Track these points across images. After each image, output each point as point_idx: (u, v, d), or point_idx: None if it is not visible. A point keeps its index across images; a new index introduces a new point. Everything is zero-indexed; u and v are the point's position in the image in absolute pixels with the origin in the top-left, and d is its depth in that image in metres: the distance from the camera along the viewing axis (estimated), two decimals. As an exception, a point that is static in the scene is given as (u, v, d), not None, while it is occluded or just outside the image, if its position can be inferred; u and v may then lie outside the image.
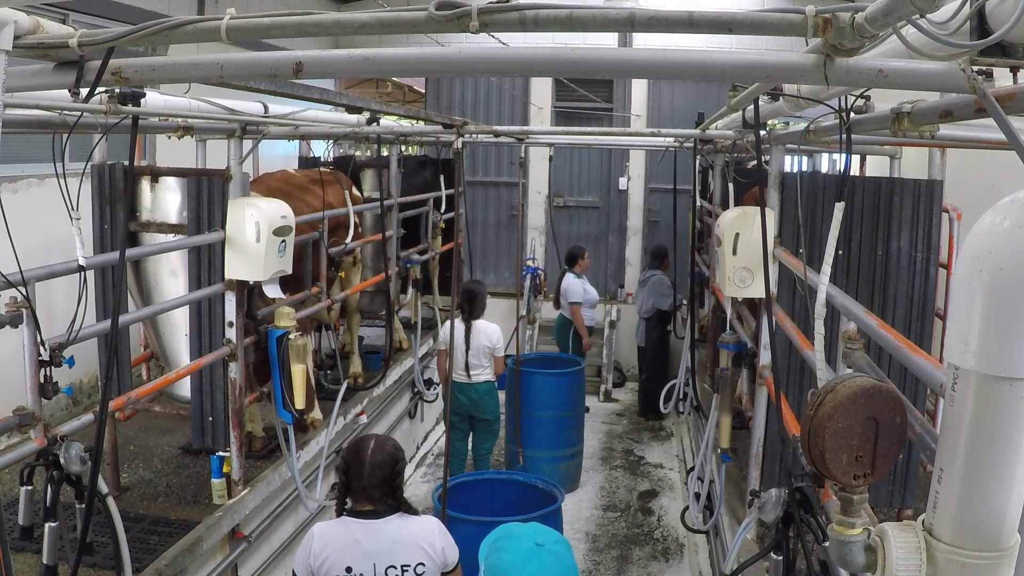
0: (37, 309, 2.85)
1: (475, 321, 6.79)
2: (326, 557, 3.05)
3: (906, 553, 1.49)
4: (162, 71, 2.16)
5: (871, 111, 2.69)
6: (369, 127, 5.74)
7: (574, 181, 11.89)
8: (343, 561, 3.04)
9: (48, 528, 2.86)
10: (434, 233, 8.38)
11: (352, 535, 3.09)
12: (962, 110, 2.00)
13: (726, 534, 4.87)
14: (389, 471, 3.12)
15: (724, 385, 4.68)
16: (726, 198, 6.05)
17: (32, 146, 5.64)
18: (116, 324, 3.08)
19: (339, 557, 3.05)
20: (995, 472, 1.40)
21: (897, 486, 4.00)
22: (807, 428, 1.63)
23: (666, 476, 8.25)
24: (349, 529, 3.11)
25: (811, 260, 3.14)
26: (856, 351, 2.59)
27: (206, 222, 4.41)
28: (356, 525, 3.11)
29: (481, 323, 6.82)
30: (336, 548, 3.07)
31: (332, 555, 3.05)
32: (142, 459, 5.06)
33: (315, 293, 5.56)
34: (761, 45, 8.93)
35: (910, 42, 1.59)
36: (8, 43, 1.95)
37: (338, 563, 3.04)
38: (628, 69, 2.25)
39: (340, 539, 3.08)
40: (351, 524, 3.12)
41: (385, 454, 3.14)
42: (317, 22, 1.93)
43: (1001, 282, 1.34)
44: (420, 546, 3.11)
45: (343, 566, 3.04)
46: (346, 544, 3.07)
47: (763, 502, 2.72)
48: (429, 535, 3.15)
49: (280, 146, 9.37)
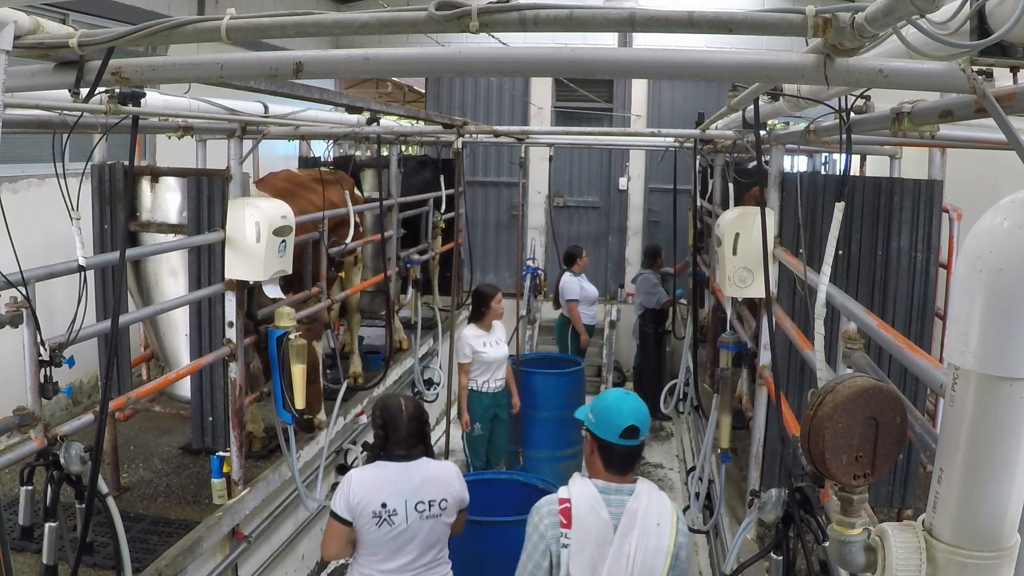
0: (37, 309, 2.85)
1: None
2: (364, 495, 3.43)
3: (906, 553, 1.49)
4: (162, 71, 2.16)
5: (871, 111, 2.69)
6: (369, 127, 5.74)
7: (574, 181, 11.89)
8: (379, 498, 3.44)
9: (48, 528, 2.86)
10: (434, 233, 8.38)
11: (388, 476, 3.49)
12: (962, 110, 2.00)
13: (726, 534, 4.88)
14: (420, 422, 3.60)
15: (724, 385, 4.68)
16: (726, 198, 6.05)
17: (32, 146, 5.64)
18: (116, 324, 3.08)
19: (376, 495, 3.44)
20: (995, 472, 1.40)
21: (897, 486, 4.00)
22: (807, 428, 1.63)
23: (666, 476, 8.25)
24: (385, 471, 3.51)
25: (811, 260, 3.14)
26: (856, 351, 2.59)
27: (206, 222, 4.41)
28: (391, 467, 3.51)
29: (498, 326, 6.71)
30: (373, 487, 3.45)
31: (369, 493, 3.44)
32: (142, 459, 5.06)
33: (315, 293, 5.57)
34: (761, 45, 8.93)
35: (910, 42, 1.59)
36: (8, 43, 1.95)
37: (375, 500, 3.43)
38: (628, 69, 2.25)
39: (377, 480, 3.48)
40: (387, 467, 3.52)
41: (415, 407, 3.64)
42: (317, 22, 1.93)
43: (1001, 282, 1.34)
44: (444, 485, 3.54)
45: (379, 502, 3.43)
46: (382, 483, 3.47)
47: (763, 502, 2.72)
48: (451, 477, 3.62)
49: (280, 146, 9.38)
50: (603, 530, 2.93)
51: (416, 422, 3.58)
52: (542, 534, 2.96)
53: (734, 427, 4.80)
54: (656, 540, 2.94)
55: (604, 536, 2.93)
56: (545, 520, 2.98)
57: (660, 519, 2.98)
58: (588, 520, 2.94)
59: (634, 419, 3.03)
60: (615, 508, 2.97)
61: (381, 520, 3.43)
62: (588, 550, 2.92)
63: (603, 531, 2.93)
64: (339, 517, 3.45)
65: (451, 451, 7.04)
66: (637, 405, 3.10)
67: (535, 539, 2.98)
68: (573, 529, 2.93)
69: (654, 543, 2.94)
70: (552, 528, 2.95)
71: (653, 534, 2.95)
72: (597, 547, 2.92)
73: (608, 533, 2.93)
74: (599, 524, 2.94)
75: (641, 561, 2.92)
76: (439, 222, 8.46)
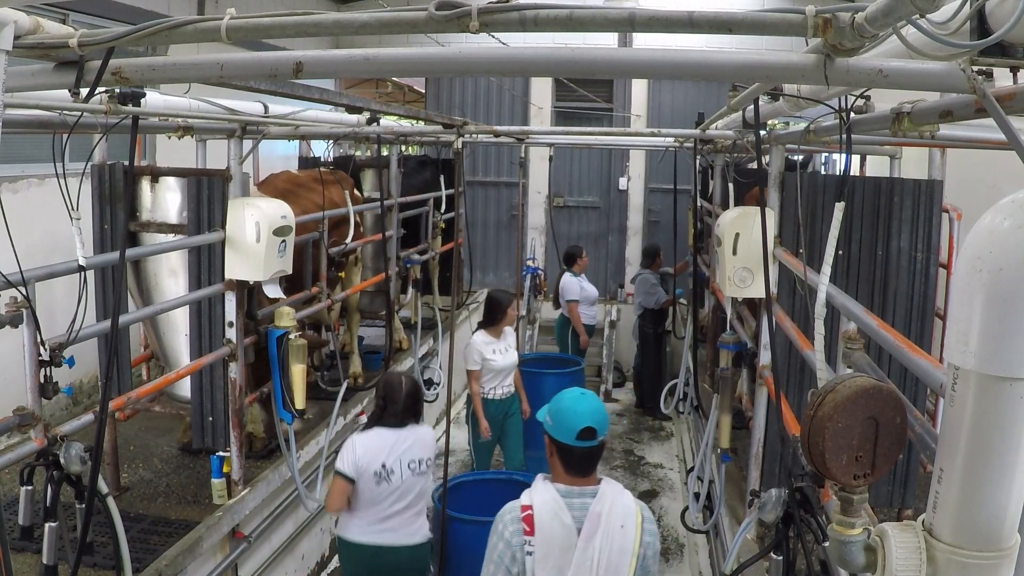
0: (37, 309, 2.85)
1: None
2: (367, 458, 4.11)
3: (906, 553, 1.49)
4: (162, 71, 2.16)
5: (871, 111, 2.69)
6: (369, 127, 5.74)
7: (574, 181, 11.89)
8: (379, 459, 4.12)
9: (48, 528, 2.86)
10: (434, 233, 8.38)
11: (385, 440, 4.17)
12: (962, 110, 2.00)
13: (726, 534, 4.87)
14: (415, 398, 4.30)
15: (724, 385, 4.68)
16: (726, 198, 6.05)
17: (32, 146, 5.64)
18: (116, 324, 3.08)
19: (376, 456, 4.12)
20: (995, 472, 1.40)
21: (897, 486, 4.00)
22: (807, 428, 1.63)
23: (666, 476, 8.25)
24: (383, 436, 4.18)
25: (811, 260, 3.14)
26: (856, 351, 2.59)
27: (206, 222, 4.41)
28: (388, 433, 4.20)
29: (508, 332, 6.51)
30: (374, 450, 4.14)
31: (371, 455, 4.12)
32: (142, 459, 5.06)
33: (315, 293, 5.57)
34: (761, 45, 8.93)
35: (910, 42, 1.59)
36: (8, 43, 1.95)
37: (375, 461, 4.11)
38: (628, 69, 2.25)
39: (377, 444, 4.16)
40: (384, 433, 4.20)
41: (412, 384, 4.35)
42: (317, 22, 1.93)
43: (1001, 282, 1.34)
44: (428, 446, 4.28)
45: (380, 463, 4.11)
46: (381, 447, 4.15)
47: (763, 502, 2.72)
48: (432, 438, 4.38)
49: (280, 146, 9.38)
50: (566, 535, 2.91)
51: (412, 398, 4.26)
52: (508, 542, 2.94)
53: (734, 427, 4.80)
54: (620, 542, 2.92)
55: (568, 541, 2.91)
56: (509, 528, 2.96)
57: (624, 520, 2.95)
58: (551, 526, 2.91)
59: (591, 420, 3.00)
60: (578, 512, 2.95)
61: (380, 479, 4.09)
62: (552, 556, 2.90)
63: (566, 536, 2.91)
64: (345, 476, 4.09)
65: (451, 451, 7.02)
66: (594, 405, 3.08)
67: (500, 547, 2.95)
68: (536, 536, 2.91)
69: (618, 545, 2.92)
70: (516, 535, 2.93)
71: (617, 536, 2.93)
72: (561, 553, 2.90)
73: (572, 538, 2.91)
74: (562, 530, 2.92)
75: (606, 564, 2.90)
76: (439, 222, 8.46)
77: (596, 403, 3.10)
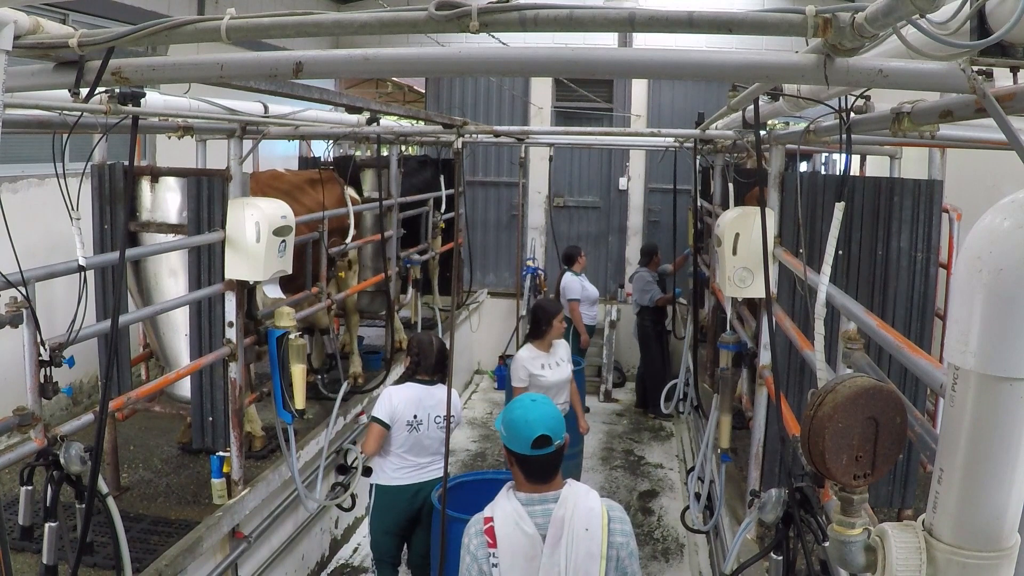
0: (37, 309, 2.85)
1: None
2: (402, 408, 4.69)
3: (906, 553, 1.49)
4: (162, 71, 2.16)
5: (871, 111, 2.69)
6: (369, 127, 5.74)
7: (574, 181, 11.89)
8: (411, 411, 4.71)
9: (48, 528, 2.86)
10: (434, 233, 8.38)
11: (417, 394, 4.75)
12: (962, 110, 2.00)
13: (726, 534, 4.87)
14: (443, 353, 4.86)
15: (724, 385, 4.68)
16: (726, 198, 6.05)
17: (32, 146, 5.64)
18: (116, 324, 3.08)
19: (408, 408, 4.71)
20: (995, 472, 1.40)
21: (897, 486, 4.00)
22: (807, 428, 1.63)
23: (666, 476, 8.25)
24: (415, 391, 4.77)
25: (811, 260, 3.14)
26: (856, 351, 2.59)
27: (206, 222, 4.41)
28: (419, 388, 4.79)
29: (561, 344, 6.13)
30: (408, 403, 4.71)
31: (405, 406, 4.70)
32: (142, 459, 5.06)
33: (315, 293, 5.57)
34: (761, 45, 8.93)
35: (910, 42, 1.59)
36: (8, 43, 1.95)
37: (408, 412, 4.70)
38: (628, 69, 2.25)
39: (410, 397, 4.74)
40: (416, 388, 4.79)
41: (440, 342, 4.95)
42: (317, 22, 1.93)
43: (1001, 282, 1.34)
44: (453, 404, 4.60)
45: (411, 414, 4.71)
46: (413, 400, 4.73)
47: (763, 502, 2.72)
48: (456, 398, 4.80)
49: (280, 146, 9.38)
50: (530, 544, 2.89)
51: (440, 354, 4.84)
52: (473, 555, 2.92)
53: (734, 427, 4.80)
54: (587, 546, 2.89)
55: (532, 550, 2.88)
56: (474, 540, 2.94)
57: (588, 524, 2.91)
58: (512, 537, 2.89)
59: (543, 428, 2.97)
60: (541, 519, 2.93)
61: (412, 428, 4.68)
62: (518, 567, 2.88)
63: (530, 546, 2.89)
64: (381, 422, 4.68)
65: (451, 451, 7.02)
66: (545, 412, 3.04)
67: (468, 560, 2.94)
68: (499, 548, 2.89)
69: (585, 549, 2.88)
70: (481, 548, 2.91)
71: (583, 540, 2.89)
72: (526, 562, 2.88)
73: (536, 547, 2.88)
74: (524, 539, 2.89)
75: (574, 569, 2.87)
76: (439, 222, 8.46)
77: (548, 409, 3.07)
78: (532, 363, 5.82)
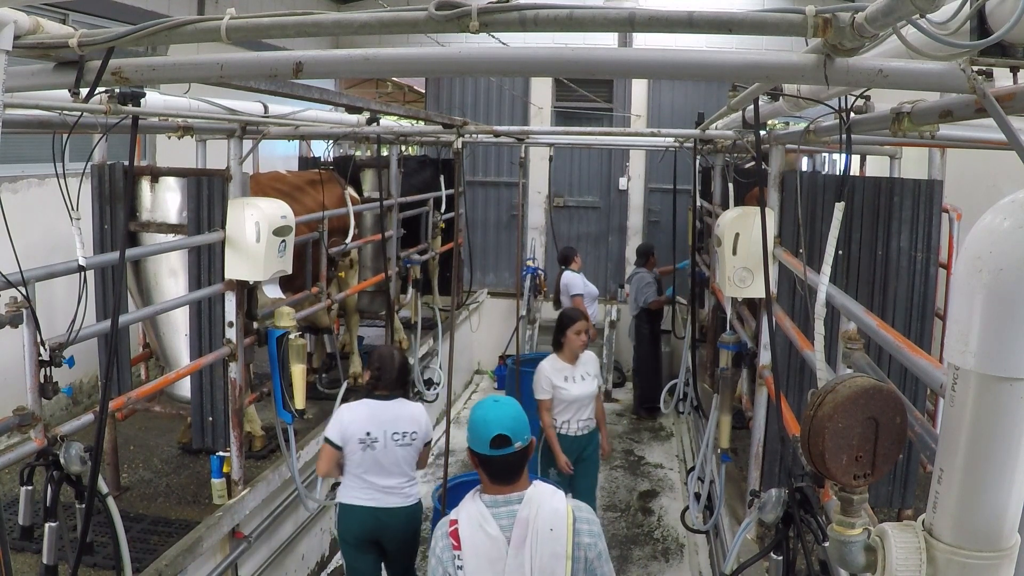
0: (37, 309, 2.85)
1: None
2: (353, 427, 4.30)
3: (906, 553, 1.49)
4: (162, 71, 2.16)
5: (871, 111, 2.69)
6: (369, 127, 5.74)
7: (574, 181, 11.89)
8: (363, 428, 4.30)
9: (48, 528, 2.86)
10: (434, 233, 8.38)
11: (371, 410, 4.37)
12: (962, 110, 2.00)
13: (726, 534, 4.87)
14: (404, 369, 4.53)
15: (724, 385, 4.68)
16: (726, 198, 6.05)
17: (32, 146, 5.64)
18: (116, 324, 3.08)
19: (361, 425, 4.31)
20: (995, 472, 1.40)
21: (897, 486, 4.00)
22: (807, 428, 1.63)
23: (666, 476, 8.25)
24: (369, 406, 4.38)
25: (811, 260, 3.14)
26: (856, 351, 2.59)
27: (206, 222, 4.41)
28: (374, 403, 4.39)
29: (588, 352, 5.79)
30: (359, 419, 4.32)
31: (356, 423, 4.31)
32: (142, 459, 5.06)
33: (315, 293, 5.57)
34: (761, 45, 8.93)
35: (910, 42, 1.59)
36: (8, 43, 1.95)
37: (359, 429, 4.30)
38: (628, 69, 2.25)
39: (362, 413, 4.35)
40: (370, 403, 4.40)
41: (402, 358, 4.57)
42: (317, 22, 1.93)
43: (1001, 282, 1.34)
44: (414, 421, 4.39)
45: (364, 431, 4.30)
46: (366, 416, 4.34)
47: (763, 502, 2.72)
48: (420, 414, 4.48)
49: (280, 146, 9.38)
50: (493, 547, 2.88)
51: (402, 371, 4.50)
52: (439, 558, 2.92)
53: (734, 427, 4.80)
54: (551, 547, 2.88)
55: (496, 552, 2.87)
56: (440, 543, 2.94)
57: (553, 524, 2.90)
58: (476, 539, 2.89)
59: (500, 428, 2.97)
60: (506, 520, 2.92)
61: (365, 446, 4.29)
62: (482, 569, 2.87)
63: (494, 548, 2.88)
64: (332, 443, 4.31)
65: (451, 451, 7.03)
66: (506, 412, 3.04)
67: (433, 563, 2.94)
68: (463, 550, 2.88)
69: (550, 550, 2.88)
70: (446, 551, 2.91)
71: (547, 541, 2.88)
72: (491, 564, 2.87)
73: (501, 548, 2.87)
74: (487, 541, 2.89)
75: (540, 570, 2.86)
76: (439, 222, 8.46)
77: (510, 410, 3.06)
78: (555, 375, 5.55)
